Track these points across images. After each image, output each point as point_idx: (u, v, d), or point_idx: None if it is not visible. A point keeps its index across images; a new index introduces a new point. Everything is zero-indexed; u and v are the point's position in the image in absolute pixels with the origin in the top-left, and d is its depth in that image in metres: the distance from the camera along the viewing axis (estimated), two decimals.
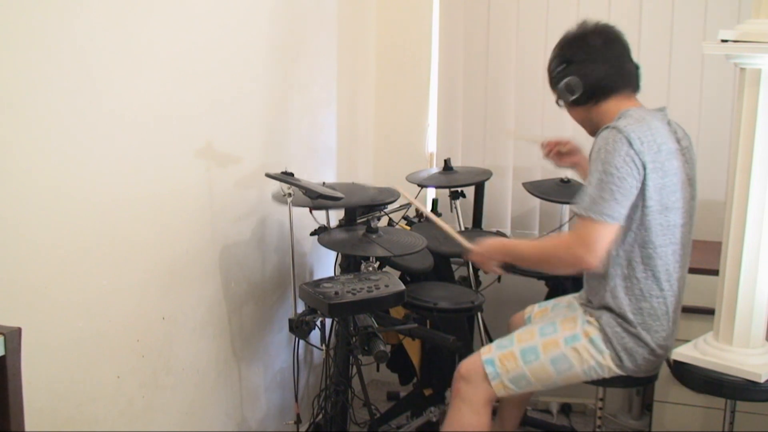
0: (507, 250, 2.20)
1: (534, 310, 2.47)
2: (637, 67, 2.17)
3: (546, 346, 2.13)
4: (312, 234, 2.59)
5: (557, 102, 2.23)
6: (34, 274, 1.63)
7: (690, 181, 2.11)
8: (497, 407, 2.60)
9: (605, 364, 2.10)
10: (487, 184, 3.17)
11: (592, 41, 2.12)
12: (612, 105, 2.11)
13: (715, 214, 2.94)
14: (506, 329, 2.52)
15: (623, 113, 2.07)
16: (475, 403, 2.16)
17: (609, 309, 2.11)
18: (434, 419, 2.63)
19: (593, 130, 2.19)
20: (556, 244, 2.12)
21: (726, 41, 1.87)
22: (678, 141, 2.10)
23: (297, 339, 2.46)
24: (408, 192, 2.48)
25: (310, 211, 2.45)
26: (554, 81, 2.19)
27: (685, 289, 2.17)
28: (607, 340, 2.09)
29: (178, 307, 2.14)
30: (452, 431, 2.20)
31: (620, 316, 2.09)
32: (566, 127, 3.20)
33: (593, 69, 2.10)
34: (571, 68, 2.12)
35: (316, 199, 2.26)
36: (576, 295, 2.35)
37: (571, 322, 2.16)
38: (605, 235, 1.98)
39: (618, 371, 2.11)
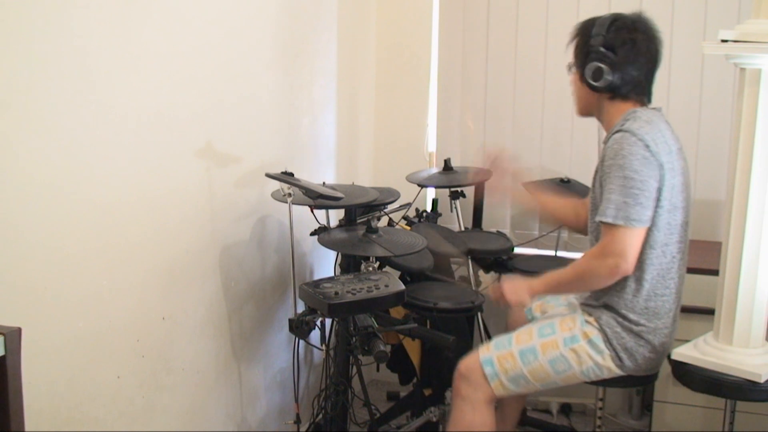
0: (542, 288, 2.17)
1: (533, 302, 2.47)
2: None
3: (544, 347, 2.13)
4: (312, 234, 2.59)
5: (569, 66, 2.17)
6: (34, 274, 1.63)
7: (689, 180, 2.13)
8: (496, 405, 2.60)
9: (604, 364, 2.10)
10: (487, 184, 3.16)
11: (642, 44, 2.05)
12: (623, 106, 2.10)
13: (715, 214, 2.95)
14: (505, 325, 2.52)
15: (630, 114, 2.06)
16: (475, 401, 2.16)
17: (611, 308, 2.11)
18: (434, 419, 2.63)
19: (587, 112, 2.18)
20: (589, 260, 2.06)
21: (726, 41, 1.87)
22: (676, 140, 2.11)
23: (297, 339, 2.46)
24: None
25: (311, 211, 2.45)
26: (585, 52, 2.09)
27: (684, 287, 2.18)
28: (607, 341, 2.09)
29: (178, 307, 2.14)
30: (457, 431, 2.20)
31: (621, 316, 2.09)
32: (565, 127, 3.21)
33: (628, 71, 2.05)
34: (610, 58, 2.04)
35: (316, 199, 2.26)
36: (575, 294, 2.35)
37: (570, 322, 2.16)
38: (635, 239, 1.98)
39: (618, 371, 2.11)
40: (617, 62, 2.04)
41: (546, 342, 2.13)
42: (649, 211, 1.97)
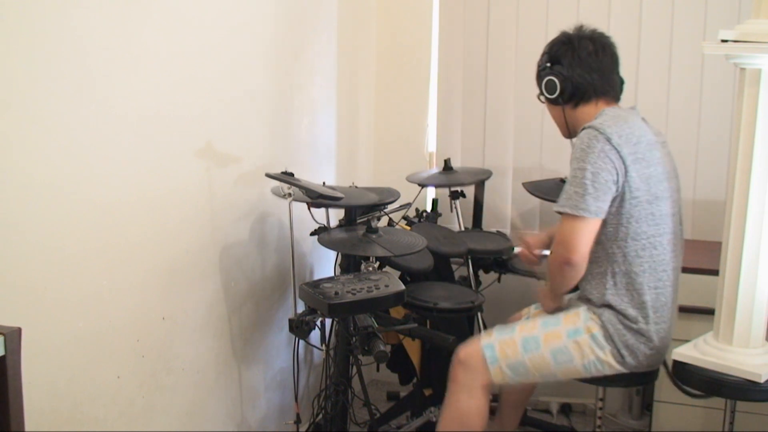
0: (549, 293, 2.28)
1: (531, 311, 2.47)
2: (621, 82, 2.23)
3: (548, 337, 2.14)
4: (312, 234, 2.59)
5: (538, 96, 2.28)
6: (34, 274, 1.63)
7: (674, 172, 2.17)
8: (496, 408, 2.61)
9: (605, 359, 2.11)
10: (487, 184, 3.17)
11: (583, 46, 2.16)
12: (591, 109, 2.18)
13: (715, 214, 2.94)
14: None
15: (599, 113, 2.14)
16: (472, 387, 2.17)
17: (610, 306, 2.12)
18: (434, 419, 2.63)
19: (568, 131, 2.28)
20: (550, 253, 2.17)
21: (726, 41, 1.87)
22: (656, 135, 2.16)
23: (297, 339, 2.46)
24: None
25: (308, 208, 2.45)
26: (539, 76, 2.25)
27: (679, 281, 2.19)
28: (608, 337, 2.11)
29: (178, 307, 2.14)
30: (449, 416, 2.21)
31: (621, 313, 2.10)
32: None
33: (578, 73, 2.15)
34: (556, 68, 2.18)
35: (317, 199, 2.26)
36: (572, 295, 2.35)
37: (575, 316, 2.18)
38: (583, 229, 2.04)
39: (619, 368, 2.12)
40: (564, 69, 2.16)
41: (550, 333, 2.15)
42: (601, 203, 2.02)
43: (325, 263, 3.02)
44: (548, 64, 2.20)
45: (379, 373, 3.11)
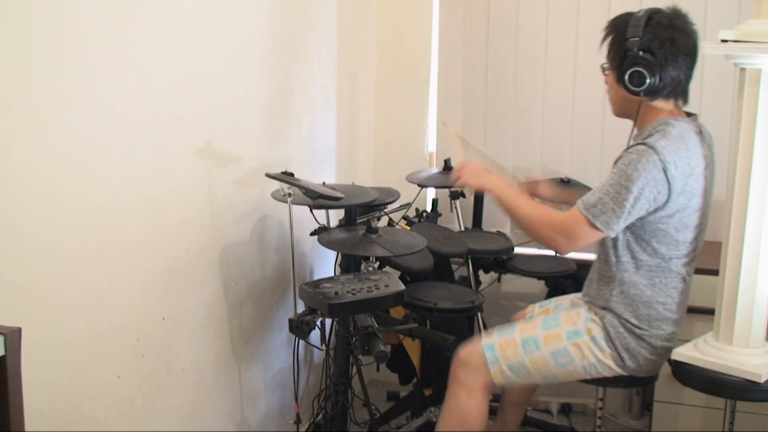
0: (496, 191, 2.15)
1: (535, 309, 2.47)
2: None
3: (548, 338, 2.14)
4: (312, 234, 2.59)
5: (603, 68, 2.10)
6: (34, 274, 1.63)
7: (709, 191, 2.10)
8: (498, 408, 2.61)
9: (606, 362, 2.11)
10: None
11: (681, 42, 1.98)
12: (661, 110, 2.05)
13: (715, 214, 2.94)
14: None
15: (662, 125, 2.00)
16: (472, 387, 2.17)
17: (612, 311, 2.11)
18: (434, 419, 2.63)
19: (623, 112, 2.14)
20: (549, 220, 2.06)
21: (726, 41, 1.87)
22: (709, 148, 2.09)
23: (297, 339, 2.46)
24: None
25: (311, 210, 2.45)
26: (621, 55, 2.01)
27: (690, 294, 2.18)
28: (609, 340, 2.10)
29: (178, 307, 2.14)
30: (449, 415, 2.20)
31: (624, 319, 2.10)
32: (565, 127, 3.21)
33: (668, 72, 1.99)
34: (649, 60, 1.96)
35: (316, 199, 2.26)
36: (578, 294, 2.35)
37: (575, 317, 2.18)
38: (594, 239, 2.03)
39: (619, 371, 2.11)
40: (657, 64, 1.96)
41: (549, 334, 2.14)
42: (625, 224, 1.99)
43: (325, 263, 3.02)
44: (641, 53, 1.95)
45: (379, 373, 3.11)
